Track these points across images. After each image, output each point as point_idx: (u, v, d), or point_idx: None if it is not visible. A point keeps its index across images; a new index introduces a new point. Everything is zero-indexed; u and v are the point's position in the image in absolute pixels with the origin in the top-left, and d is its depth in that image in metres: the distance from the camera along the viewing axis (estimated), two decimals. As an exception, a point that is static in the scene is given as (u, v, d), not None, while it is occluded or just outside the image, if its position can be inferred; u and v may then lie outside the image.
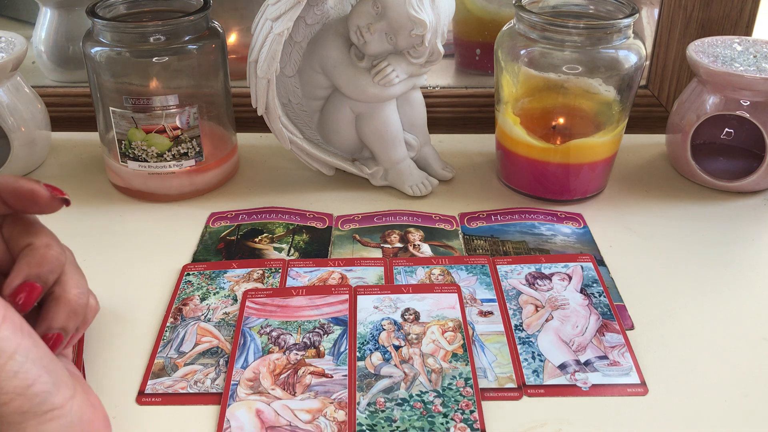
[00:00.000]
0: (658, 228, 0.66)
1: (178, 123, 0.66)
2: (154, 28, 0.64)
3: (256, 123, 0.71)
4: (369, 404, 0.47)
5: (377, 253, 0.63)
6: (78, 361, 0.50)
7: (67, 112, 0.82)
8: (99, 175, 0.74)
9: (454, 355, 0.51)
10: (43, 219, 0.68)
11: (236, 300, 0.57)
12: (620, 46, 0.64)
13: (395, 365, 0.50)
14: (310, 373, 0.49)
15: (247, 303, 0.55)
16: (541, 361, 0.51)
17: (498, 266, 0.60)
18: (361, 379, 0.49)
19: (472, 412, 0.46)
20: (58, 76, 0.89)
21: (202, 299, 0.57)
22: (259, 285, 0.58)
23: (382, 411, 0.46)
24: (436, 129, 0.77)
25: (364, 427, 0.45)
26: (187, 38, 0.65)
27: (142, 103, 0.65)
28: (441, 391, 0.48)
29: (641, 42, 0.66)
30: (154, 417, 0.47)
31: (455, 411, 0.46)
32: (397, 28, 0.62)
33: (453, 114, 0.83)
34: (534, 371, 0.50)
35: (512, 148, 0.69)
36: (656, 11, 0.80)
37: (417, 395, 0.48)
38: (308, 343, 0.52)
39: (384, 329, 0.53)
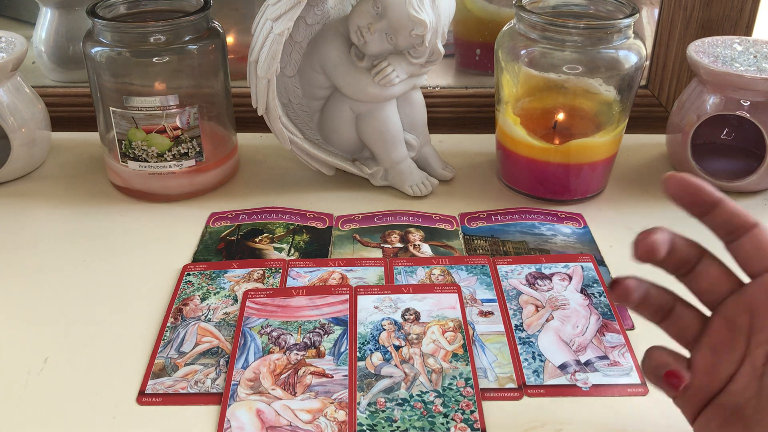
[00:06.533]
0: (658, 228, 0.66)
1: (178, 123, 0.66)
2: (155, 28, 0.64)
3: (256, 123, 0.71)
4: (369, 404, 0.47)
5: (377, 253, 0.63)
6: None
7: (67, 112, 0.82)
8: (99, 175, 0.74)
9: (455, 355, 0.51)
10: (40, 221, 0.68)
11: (236, 300, 0.57)
12: (620, 46, 0.64)
13: (395, 365, 0.50)
14: (310, 373, 0.49)
15: (248, 303, 0.55)
16: (541, 361, 0.51)
17: (498, 266, 0.60)
18: (361, 379, 0.49)
19: (472, 412, 0.46)
20: (58, 76, 0.89)
21: (203, 299, 0.57)
22: (260, 285, 0.58)
23: (383, 411, 0.46)
24: (436, 129, 0.77)
25: (364, 427, 0.45)
26: (187, 38, 0.65)
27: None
28: (441, 391, 0.48)
29: (641, 42, 0.66)
30: (154, 417, 0.47)
31: (455, 411, 0.46)
32: (397, 28, 0.62)
33: (453, 114, 0.83)
34: (534, 371, 0.50)
35: (512, 148, 0.69)
36: (656, 11, 0.80)
37: (417, 395, 0.48)
38: (308, 343, 0.52)
39: (384, 329, 0.53)
